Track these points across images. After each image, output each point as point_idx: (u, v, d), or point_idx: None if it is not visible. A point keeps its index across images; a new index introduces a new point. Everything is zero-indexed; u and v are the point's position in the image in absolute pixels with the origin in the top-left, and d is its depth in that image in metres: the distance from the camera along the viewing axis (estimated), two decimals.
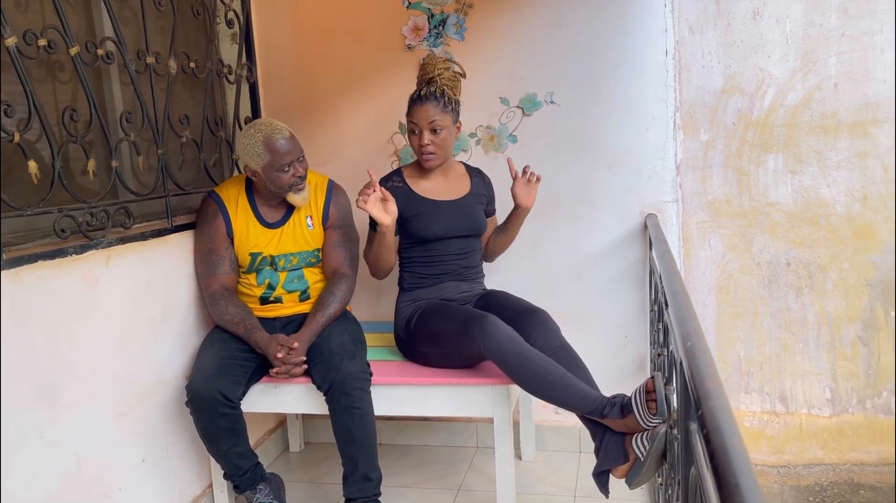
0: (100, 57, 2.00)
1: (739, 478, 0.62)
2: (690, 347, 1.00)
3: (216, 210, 2.30)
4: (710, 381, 0.86)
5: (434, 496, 2.54)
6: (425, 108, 2.26)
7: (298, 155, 2.25)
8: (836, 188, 2.67)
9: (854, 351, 2.74)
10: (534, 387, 2.01)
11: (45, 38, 1.79)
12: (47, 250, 1.77)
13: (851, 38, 2.59)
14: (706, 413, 0.78)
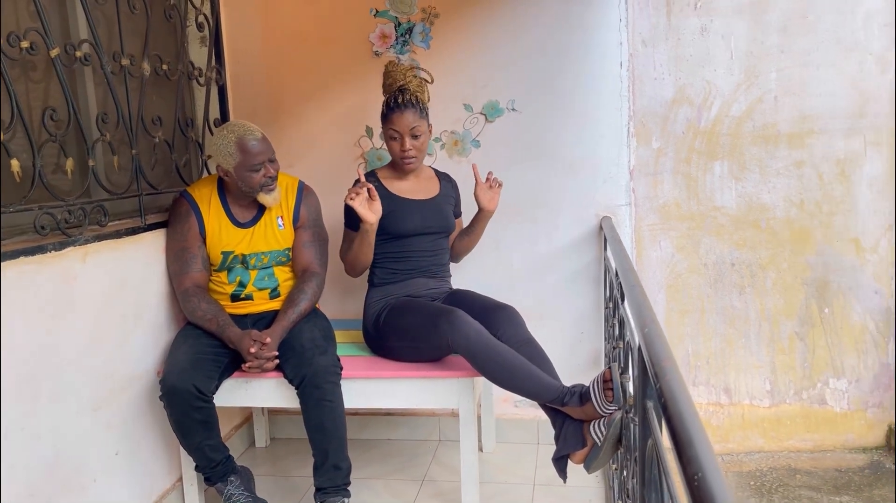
0: (78, 59, 2.04)
1: (693, 436, 0.74)
2: (648, 332, 1.13)
3: (189, 209, 2.35)
4: (666, 360, 0.98)
5: (400, 487, 2.63)
6: (405, 115, 2.36)
7: (270, 156, 2.31)
8: (775, 194, 2.87)
9: (791, 345, 2.94)
10: (499, 378, 2.12)
11: (28, 41, 1.84)
12: (28, 247, 1.81)
13: (790, 55, 2.78)
14: (664, 386, 0.90)
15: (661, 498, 1.20)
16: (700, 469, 0.66)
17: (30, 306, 1.82)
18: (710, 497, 0.62)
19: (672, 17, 2.80)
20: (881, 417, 2.97)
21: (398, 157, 2.42)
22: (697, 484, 0.64)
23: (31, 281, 1.82)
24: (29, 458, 1.80)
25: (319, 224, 2.52)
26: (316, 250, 2.48)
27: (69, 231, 1.97)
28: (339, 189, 2.81)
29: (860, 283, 2.89)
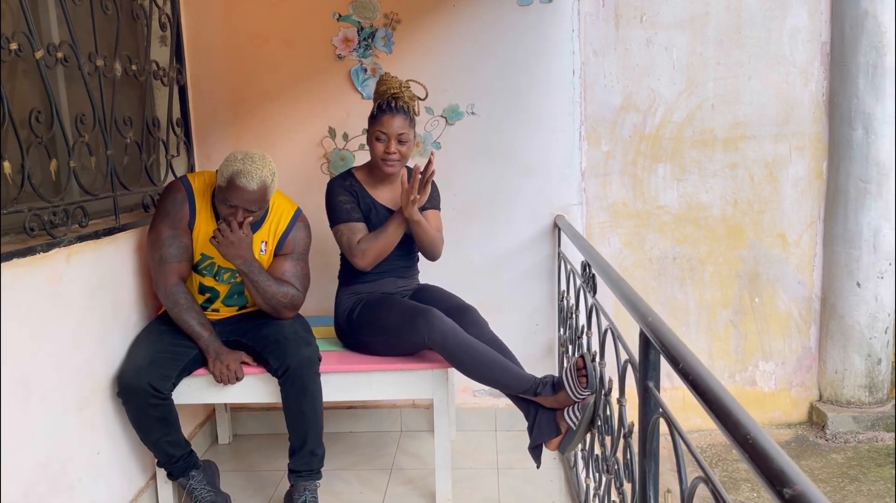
0: (59, 60, 2.05)
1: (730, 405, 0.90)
2: (651, 321, 1.29)
3: (185, 198, 2.30)
4: (680, 345, 1.14)
5: (370, 476, 2.73)
6: (396, 119, 2.36)
7: (249, 206, 2.20)
8: (712, 194, 3.12)
9: (726, 332, 3.21)
10: (474, 372, 2.24)
11: (17, 42, 1.84)
12: (20, 248, 1.82)
13: (725, 67, 3.03)
14: (686, 366, 1.06)
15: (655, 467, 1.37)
16: (748, 431, 0.81)
17: (22, 307, 1.83)
18: (762, 451, 0.77)
19: (620, 29, 3.00)
20: (804, 395, 3.28)
21: (380, 157, 2.40)
22: (751, 442, 0.79)
23: (22, 282, 1.83)
24: (24, 459, 1.82)
25: (304, 258, 2.46)
26: (295, 278, 2.41)
27: (54, 232, 1.98)
28: (302, 189, 2.90)
29: (786, 275, 3.18)
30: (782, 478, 0.72)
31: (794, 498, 0.70)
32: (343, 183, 2.48)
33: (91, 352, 2.15)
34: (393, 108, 2.38)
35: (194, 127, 2.98)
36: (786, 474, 0.72)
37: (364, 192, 2.49)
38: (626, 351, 1.64)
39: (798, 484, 0.70)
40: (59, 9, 2.09)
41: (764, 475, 0.75)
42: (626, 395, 1.71)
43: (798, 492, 0.70)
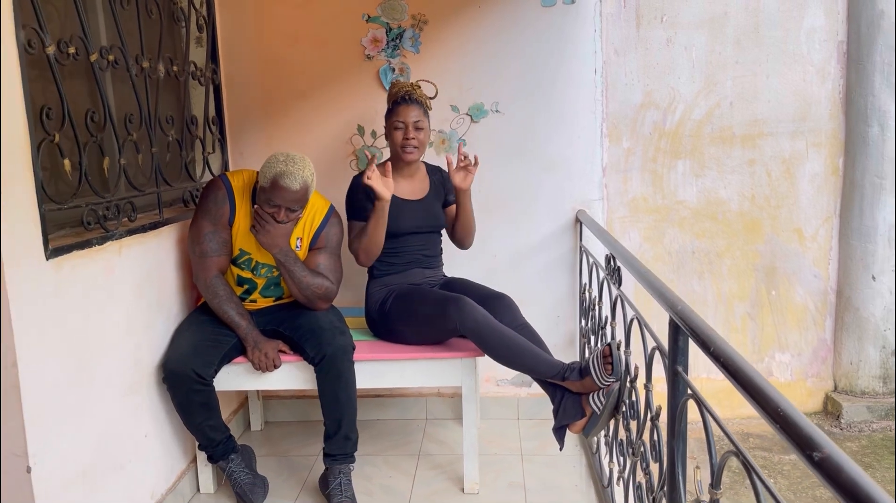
0: (110, 63, 2.15)
1: (761, 384, 0.99)
2: (681, 309, 1.38)
3: (225, 196, 2.39)
4: (709, 330, 1.23)
5: (398, 461, 2.84)
6: (411, 108, 2.53)
7: (291, 206, 2.29)
8: (731, 189, 3.20)
9: (743, 324, 3.30)
10: (504, 357, 2.35)
11: (73, 47, 1.95)
12: (78, 241, 1.93)
13: (744, 65, 3.12)
14: (716, 349, 1.15)
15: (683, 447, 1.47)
16: (778, 405, 0.91)
17: (81, 296, 1.94)
18: (793, 421, 0.87)
19: (641, 29, 3.08)
20: (819, 386, 3.36)
21: (399, 146, 2.52)
22: (782, 414, 0.88)
23: (81, 273, 1.94)
24: (83, 438, 1.93)
25: (337, 252, 2.55)
26: (331, 273, 2.50)
27: (107, 225, 2.09)
28: (332, 185, 3.00)
29: (802, 268, 3.27)
30: (812, 444, 0.82)
31: (823, 460, 0.79)
32: (361, 175, 2.58)
33: (138, 340, 2.26)
34: (407, 99, 2.53)
35: (228, 125, 3.08)
36: (815, 440, 0.82)
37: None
38: (654, 339, 1.73)
39: (826, 447, 0.80)
40: (108, 13, 2.20)
41: (795, 442, 0.84)
42: (652, 381, 1.80)
43: (826, 454, 0.79)
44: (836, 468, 0.77)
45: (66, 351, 1.85)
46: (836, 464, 0.77)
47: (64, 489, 1.83)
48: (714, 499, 1.24)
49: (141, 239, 2.28)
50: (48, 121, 1.82)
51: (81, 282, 1.93)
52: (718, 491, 1.23)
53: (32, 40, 1.75)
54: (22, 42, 1.69)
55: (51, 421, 1.77)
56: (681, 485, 1.46)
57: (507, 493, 2.57)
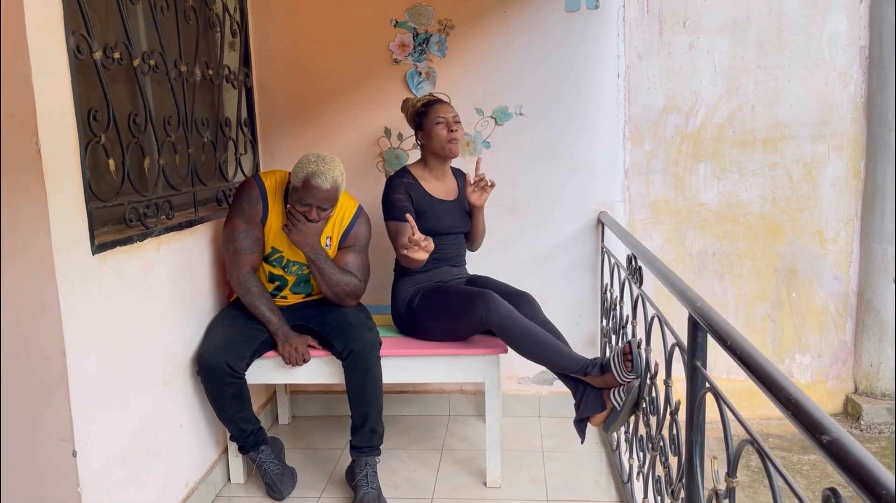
0: (151, 67, 2.25)
1: (774, 374, 1.05)
2: (700, 306, 1.44)
3: (258, 196, 2.48)
4: (727, 326, 1.29)
5: (422, 455, 2.91)
6: (448, 106, 2.67)
7: (322, 205, 2.37)
8: (752, 192, 3.24)
9: (764, 325, 3.33)
10: (528, 351, 2.41)
11: (118, 52, 2.04)
12: (121, 237, 2.02)
13: (766, 70, 3.15)
14: (733, 343, 1.21)
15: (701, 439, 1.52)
16: (790, 393, 0.96)
17: (122, 290, 2.03)
18: (804, 408, 0.92)
19: (664, 33, 3.13)
20: (840, 388, 3.39)
21: (445, 140, 2.62)
22: (794, 401, 0.94)
23: (123, 268, 2.03)
24: (123, 426, 2.02)
25: (365, 250, 2.63)
26: (356, 269, 2.59)
27: (147, 223, 2.18)
28: (359, 185, 3.08)
29: (823, 271, 3.29)
30: (821, 428, 0.87)
31: (831, 442, 0.85)
32: (401, 181, 2.66)
33: (174, 333, 2.36)
34: (440, 100, 2.66)
35: (259, 127, 3.18)
36: (823, 425, 0.87)
37: (420, 188, 2.67)
38: (673, 335, 1.78)
39: (834, 431, 0.86)
40: (149, 19, 2.29)
41: (805, 427, 0.90)
42: (672, 377, 1.85)
43: (834, 437, 0.85)
44: (844, 450, 0.83)
45: (107, 342, 1.94)
46: (843, 447, 0.83)
47: (106, 473, 1.92)
48: (730, 487, 1.29)
49: (178, 236, 2.37)
50: (95, 123, 1.91)
51: (123, 276, 2.03)
52: (735, 479, 1.28)
53: (81, 46, 1.84)
54: (72, 48, 1.79)
55: (94, 408, 1.86)
56: (698, 476, 1.51)
57: (528, 488, 2.63)
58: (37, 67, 1.64)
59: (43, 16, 1.68)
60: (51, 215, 1.69)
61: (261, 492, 2.61)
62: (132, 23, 2.20)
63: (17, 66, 1.62)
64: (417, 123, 2.71)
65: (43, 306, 1.72)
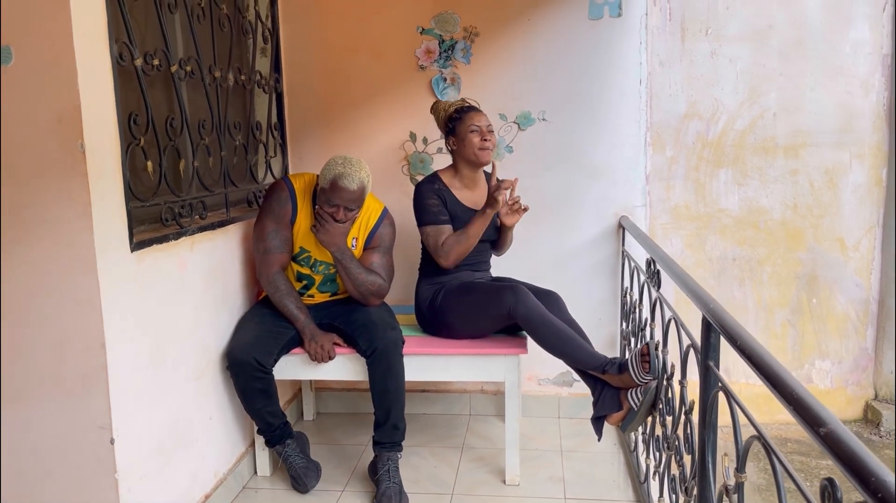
0: (187, 73, 2.34)
1: (779, 370, 1.10)
2: (713, 308, 1.49)
3: (288, 197, 2.57)
4: (737, 327, 1.34)
5: (443, 453, 2.97)
6: (482, 115, 2.71)
7: (349, 205, 2.45)
8: (773, 198, 3.26)
9: (784, 331, 3.35)
10: (552, 345, 2.46)
11: (157, 59, 2.14)
12: (157, 236, 2.11)
13: (787, 77, 3.18)
14: (742, 342, 1.26)
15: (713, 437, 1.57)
16: (792, 389, 1.02)
17: (158, 287, 2.12)
18: (803, 401, 0.97)
19: (686, 41, 3.17)
20: (860, 394, 3.39)
21: (477, 148, 2.65)
22: (796, 397, 0.99)
23: (159, 266, 2.12)
24: (157, 417, 2.11)
25: (390, 251, 2.70)
26: (382, 269, 2.67)
27: (182, 222, 2.27)
28: (384, 188, 3.16)
29: (844, 277, 3.30)
30: (819, 421, 0.93)
31: (827, 434, 0.90)
32: (432, 186, 2.72)
33: (206, 329, 2.45)
34: (473, 107, 2.69)
35: (289, 130, 3.27)
36: (821, 417, 0.93)
37: (450, 194, 2.72)
38: (689, 337, 1.83)
39: (831, 424, 0.91)
40: (186, 27, 2.39)
41: (804, 419, 0.95)
42: (687, 378, 1.90)
43: (831, 429, 0.90)
44: (838, 440, 0.88)
45: (143, 336, 2.03)
46: (838, 437, 0.88)
47: (141, 461, 2.01)
48: (739, 482, 1.34)
49: (210, 236, 2.46)
50: (135, 126, 2.00)
51: (159, 273, 2.12)
52: (743, 474, 1.33)
53: (123, 53, 1.94)
54: (115, 55, 1.88)
55: (131, 399, 1.96)
56: (710, 473, 1.56)
57: (546, 486, 2.68)
58: (83, 74, 1.74)
59: (89, 25, 1.77)
60: (94, 213, 1.78)
61: (286, 485, 2.69)
62: (170, 30, 2.29)
63: (65, 72, 1.72)
64: (450, 128, 2.73)
65: (85, 300, 1.81)
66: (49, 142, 1.75)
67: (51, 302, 1.81)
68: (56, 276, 1.80)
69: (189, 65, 2.35)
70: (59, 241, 1.79)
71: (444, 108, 2.79)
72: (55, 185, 1.77)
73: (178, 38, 2.42)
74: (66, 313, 1.82)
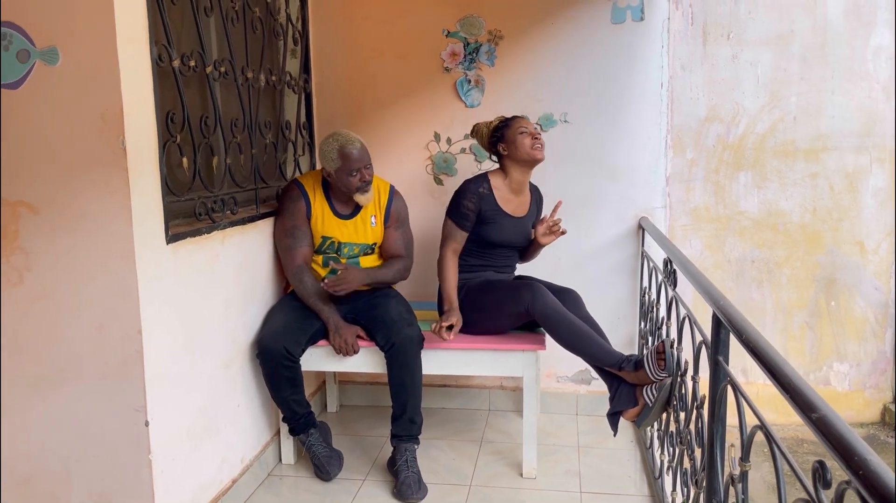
0: (221, 74, 2.44)
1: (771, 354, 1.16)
2: (723, 304, 1.54)
3: (300, 195, 2.72)
4: (745, 323, 1.39)
5: (462, 446, 3.04)
6: (527, 120, 2.81)
7: (366, 163, 2.65)
8: (792, 201, 3.29)
9: (802, 333, 3.37)
10: (568, 342, 2.53)
11: (193, 60, 2.24)
12: (191, 229, 2.21)
13: (808, 82, 3.21)
14: (747, 337, 1.31)
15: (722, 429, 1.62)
16: (790, 378, 1.07)
17: (191, 278, 2.22)
18: (798, 388, 1.03)
19: (707, 45, 3.22)
20: (877, 397, 3.41)
21: (529, 147, 2.74)
22: (793, 387, 1.05)
23: (192, 258, 2.22)
24: (188, 402, 2.21)
25: (406, 223, 2.88)
26: (404, 245, 2.85)
27: (214, 217, 2.37)
28: (409, 187, 3.24)
29: (863, 281, 3.32)
30: (812, 407, 0.99)
31: (819, 419, 0.96)
32: (476, 189, 2.75)
33: (235, 320, 2.54)
34: (515, 115, 2.80)
35: (317, 130, 3.36)
36: (814, 403, 0.99)
37: (493, 200, 2.77)
38: (701, 334, 1.89)
39: (822, 409, 0.97)
40: (221, 29, 2.48)
41: (797, 405, 1.01)
42: (699, 374, 1.96)
43: (822, 414, 0.96)
44: (828, 424, 0.94)
45: (177, 325, 2.13)
46: (828, 422, 0.94)
47: (173, 444, 2.11)
48: (743, 471, 1.40)
49: (240, 230, 2.55)
50: (172, 124, 2.10)
51: (192, 265, 2.22)
52: (747, 463, 1.39)
53: (162, 55, 2.04)
54: (154, 57, 1.98)
55: (165, 384, 2.05)
56: (718, 463, 1.62)
57: (562, 480, 2.74)
58: (125, 74, 1.84)
59: (130, 28, 1.87)
60: (133, 207, 1.88)
61: (309, 473, 2.78)
62: (206, 33, 2.39)
63: (108, 73, 1.82)
64: (498, 138, 2.79)
65: (123, 289, 1.91)
66: (92, 138, 1.85)
67: (91, 290, 1.92)
68: (97, 266, 1.91)
69: (223, 66, 2.44)
70: (100, 232, 1.89)
71: (485, 125, 2.88)
72: (98, 179, 1.87)
73: (212, 41, 2.51)
74: (105, 301, 1.92)
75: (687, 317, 2.06)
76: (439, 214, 3.32)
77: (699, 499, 1.85)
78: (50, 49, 1.83)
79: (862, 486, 0.80)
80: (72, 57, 1.83)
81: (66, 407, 1.98)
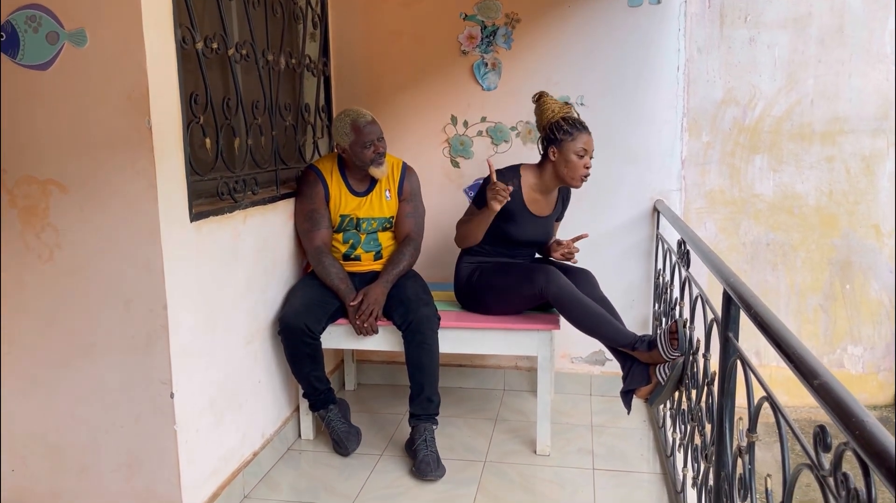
0: (243, 56, 2.49)
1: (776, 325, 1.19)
2: (733, 282, 1.58)
3: (316, 178, 2.79)
4: (754, 298, 1.43)
5: (477, 424, 3.09)
6: (591, 138, 2.76)
7: (378, 135, 2.73)
8: (808, 184, 3.30)
9: (816, 316, 3.39)
10: (582, 323, 2.57)
11: (216, 43, 2.28)
12: (214, 208, 2.27)
13: (826, 65, 3.21)
14: (756, 311, 1.35)
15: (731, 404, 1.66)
16: (795, 348, 1.11)
17: (213, 256, 2.28)
18: (800, 356, 1.07)
19: (724, 28, 3.22)
20: (891, 380, 3.42)
21: (580, 174, 2.72)
22: (797, 355, 1.09)
23: (214, 236, 2.28)
24: (211, 377, 2.27)
25: (419, 198, 2.96)
26: (415, 221, 2.92)
27: (236, 196, 2.42)
28: (426, 168, 3.28)
29: (878, 264, 3.33)
30: (814, 374, 1.02)
31: (820, 385, 1.00)
32: (505, 181, 2.69)
33: (256, 298, 2.60)
34: (585, 126, 2.73)
35: (335, 112, 3.40)
36: (816, 370, 1.02)
37: (519, 194, 2.77)
38: (712, 311, 1.92)
39: (824, 376, 1.00)
40: (242, 13, 2.53)
41: (800, 372, 1.05)
42: (710, 351, 1.99)
43: (823, 381, 1.00)
44: (829, 389, 0.98)
45: (200, 301, 2.19)
46: (829, 387, 0.98)
47: (197, 417, 2.17)
48: (750, 442, 1.44)
49: (261, 210, 2.61)
50: (195, 105, 2.15)
51: (214, 243, 2.28)
52: (754, 434, 1.43)
53: (186, 38, 2.09)
54: (178, 39, 2.03)
55: (189, 358, 2.12)
56: (727, 437, 1.66)
57: (576, 457, 2.78)
58: (150, 56, 1.89)
59: (156, 11, 1.92)
60: (158, 185, 1.94)
61: (328, 448, 2.85)
62: (228, 16, 2.44)
63: (134, 55, 1.87)
64: (554, 138, 2.73)
65: (149, 264, 1.97)
66: (119, 119, 1.91)
67: (119, 265, 1.98)
68: (124, 242, 1.97)
69: (244, 49, 2.49)
70: (127, 209, 1.95)
71: (554, 107, 2.78)
72: (125, 159, 1.93)
73: (234, 24, 2.56)
74: (132, 276, 1.98)
75: (699, 296, 2.09)
76: (456, 196, 3.38)
77: (709, 473, 1.89)
78: (78, 31, 1.89)
79: (858, 446, 0.84)
80: (99, 39, 1.88)
81: (96, 379, 2.05)
